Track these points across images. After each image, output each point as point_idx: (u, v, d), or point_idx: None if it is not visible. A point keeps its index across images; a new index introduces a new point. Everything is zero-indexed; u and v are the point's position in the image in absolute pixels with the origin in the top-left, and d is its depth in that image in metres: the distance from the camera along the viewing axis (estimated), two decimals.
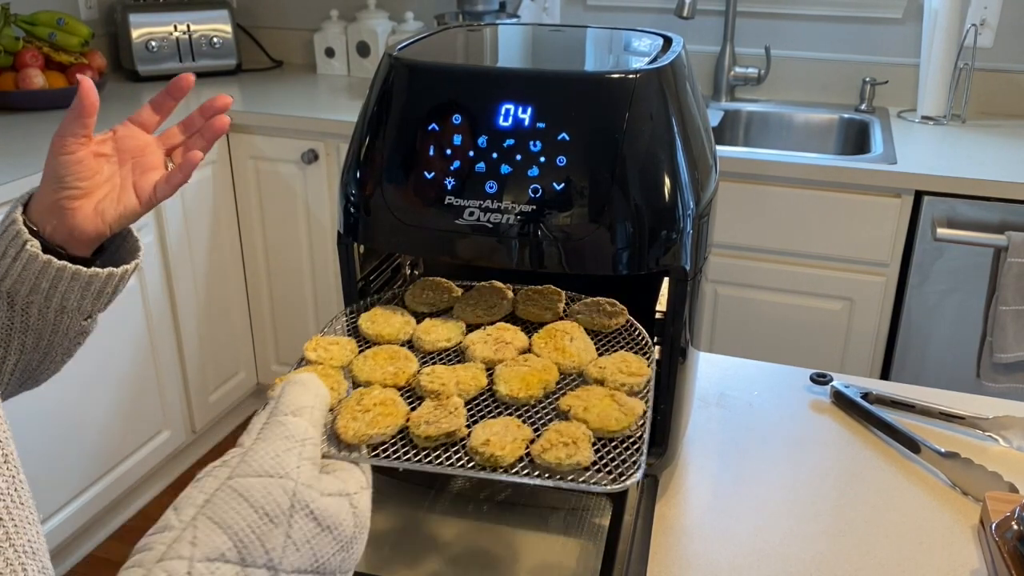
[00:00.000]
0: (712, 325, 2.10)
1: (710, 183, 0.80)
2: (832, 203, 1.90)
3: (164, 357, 2.22)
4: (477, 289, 0.87)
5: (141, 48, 2.60)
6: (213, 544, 0.48)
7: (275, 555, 0.49)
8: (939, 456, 0.91)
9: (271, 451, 0.53)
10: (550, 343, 0.77)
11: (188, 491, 0.52)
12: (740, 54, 2.44)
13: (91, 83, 0.70)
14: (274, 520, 0.50)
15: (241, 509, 0.49)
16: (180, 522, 0.49)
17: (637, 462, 0.62)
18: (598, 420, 0.65)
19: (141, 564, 0.47)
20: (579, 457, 0.61)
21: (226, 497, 0.50)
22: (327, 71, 2.77)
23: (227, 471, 0.52)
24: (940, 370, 1.96)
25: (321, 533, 0.51)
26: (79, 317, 0.76)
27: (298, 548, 0.50)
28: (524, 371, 0.71)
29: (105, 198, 0.74)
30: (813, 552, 0.81)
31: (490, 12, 2.44)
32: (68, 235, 0.73)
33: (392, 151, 0.76)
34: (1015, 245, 1.75)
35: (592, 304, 0.85)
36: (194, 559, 0.47)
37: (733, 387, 1.09)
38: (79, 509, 2.02)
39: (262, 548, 0.49)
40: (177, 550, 0.47)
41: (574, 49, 0.92)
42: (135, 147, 0.77)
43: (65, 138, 0.71)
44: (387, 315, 0.81)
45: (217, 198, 2.33)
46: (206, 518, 0.49)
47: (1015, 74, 2.28)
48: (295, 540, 0.50)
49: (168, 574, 0.46)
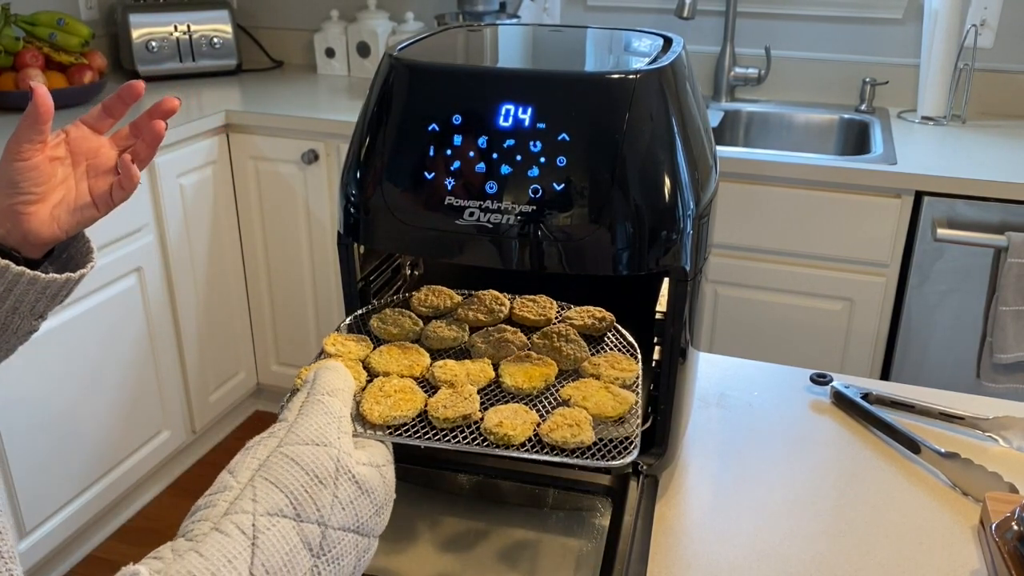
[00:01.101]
0: (712, 325, 2.10)
1: (710, 183, 0.80)
2: (832, 203, 1.90)
3: (164, 357, 2.22)
4: (477, 295, 0.92)
5: (141, 48, 2.60)
6: (272, 501, 0.53)
7: (325, 512, 0.55)
8: (939, 456, 0.91)
9: (314, 424, 0.59)
10: (548, 343, 0.83)
11: (240, 457, 0.57)
12: (740, 54, 2.44)
13: (45, 90, 0.70)
14: (323, 482, 0.56)
15: (294, 471, 0.55)
16: (238, 483, 0.54)
17: (633, 443, 0.68)
18: (596, 407, 0.71)
19: (206, 519, 0.52)
20: (583, 436, 0.68)
21: (280, 461, 0.56)
22: (327, 71, 2.77)
23: (276, 441, 0.58)
24: (940, 370, 1.96)
25: (361, 496, 0.57)
26: (31, 318, 0.76)
27: (343, 507, 0.56)
28: (527, 366, 0.78)
29: (61, 203, 0.75)
30: (813, 552, 0.81)
31: (490, 12, 2.45)
32: (22, 239, 0.73)
33: (392, 151, 0.76)
34: (1015, 245, 1.75)
35: (582, 311, 0.90)
36: (256, 513, 0.52)
37: (733, 387, 1.09)
38: (79, 509, 2.02)
39: (314, 505, 0.55)
40: (240, 506, 0.53)
41: (574, 50, 0.92)
42: (88, 148, 0.77)
43: (21, 144, 0.71)
44: (396, 316, 0.86)
45: (217, 198, 2.33)
46: (263, 479, 0.55)
47: (1015, 74, 2.28)
48: (341, 500, 0.56)
49: (236, 525, 0.51)
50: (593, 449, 0.68)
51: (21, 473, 1.84)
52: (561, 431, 0.68)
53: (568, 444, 0.67)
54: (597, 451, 0.68)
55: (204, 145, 2.26)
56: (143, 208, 2.09)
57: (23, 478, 1.84)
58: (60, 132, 0.76)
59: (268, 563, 0.51)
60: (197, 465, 2.48)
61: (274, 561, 0.51)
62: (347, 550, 0.56)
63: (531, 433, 0.68)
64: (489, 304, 0.90)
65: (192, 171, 2.23)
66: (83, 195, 0.76)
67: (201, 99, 2.45)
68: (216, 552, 0.50)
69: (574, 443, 0.67)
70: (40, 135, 0.71)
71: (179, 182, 2.18)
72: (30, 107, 0.70)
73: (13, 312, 0.74)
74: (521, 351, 0.81)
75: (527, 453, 0.67)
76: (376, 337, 0.84)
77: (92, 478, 2.05)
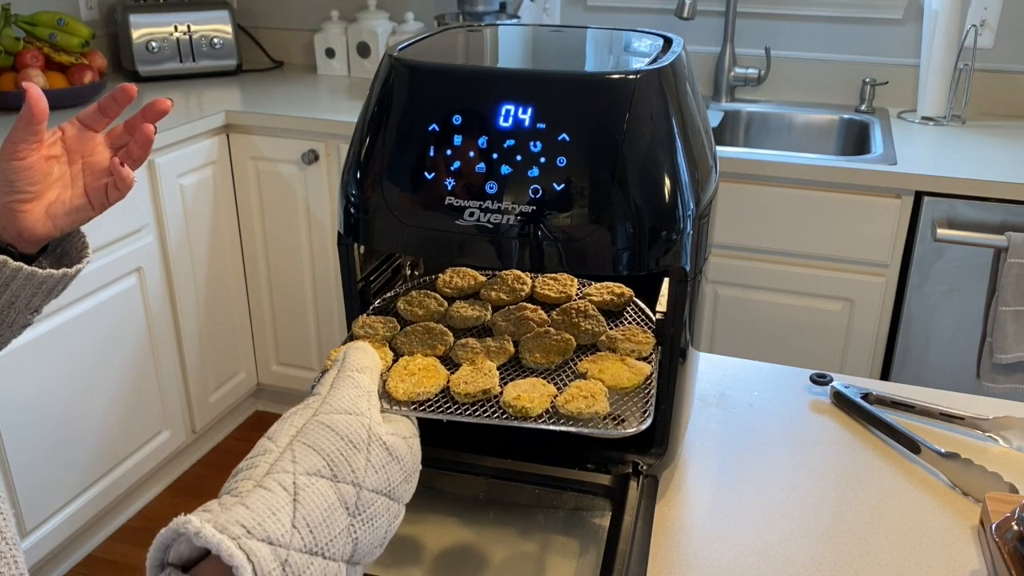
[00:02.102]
0: (712, 325, 2.10)
1: (710, 183, 0.80)
2: (832, 203, 1.90)
3: (164, 357, 2.22)
4: (500, 275, 0.96)
5: (141, 48, 2.60)
6: (311, 462, 0.57)
7: (359, 474, 0.58)
8: (939, 457, 0.91)
9: (346, 396, 0.63)
10: (567, 319, 0.87)
11: (278, 426, 0.60)
12: (740, 54, 2.44)
13: (39, 91, 0.72)
14: (356, 446, 0.59)
15: (330, 436, 0.58)
16: (277, 447, 0.58)
17: (648, 412, 0.72)
18: (612, 379, 0.75)
19: (249, 478, 0.55)
20: (597, 407, 0.71)
21: (316, 428, 0.59)
22: (327, 71, 2.78)
23: (311, 411, 0.61)
24: (940, 370, 1.96)
25: (392, 462, 0.61)
26: (26, 312, 0.78)
27: (376, 471, 0.59)
28: (545, 341, 0.82)
29: (56, 201, 0.76)
30: (813, 552, 0.81)
31: (490, 13, 2.45)
32: (18, 235, 0.75)
33: (393, 152, 0.76)
34: (1015, 245, 1.75)
35: (601, 287, 0.94)
36: (296, 472, 0.56)
37: (733, 387, 1.09)
38: (79, 509, 2.02)
39: (349, 468, 0.58)
40: (281, 466, 0.56)
41: (574, 50, 0.92)
42: (84, 147, 0.79)
43: (17, 144, 0.72)
44: (422, 298, 0.91)
45: (217, 198, 2.33)
46: (301, 443, 0.58)
47: (1015, 74, 2.28)
48: (373, 464, 0.59)
49: (278, 483, 0.55)
50: (608, 418, 0.71)
51: (21, 473, 1.84)
52: (576, 402, 0.71)
53: (583, 415, 0.70)
54: (612, 421, 0.71)
55: (204, 145, 2.26)
56: (143, 208, 2.09)
57: (23, 478, 1.84)
58: (56, 130, 0.77)
59: (309, 517, 0.54)
60: (197, 465, 2.48)
61: (315, 516, 0.54)
62: (380, 512, 0.59)
63: (548, 405, 0.72)
64: (511, 284, 0.94)
65: (192, 171, 2.23)
66: (78, 194, 0.78)
67: (201, 99, 2.45)
68: (261, 505, 0.53)
69: (589, 413, 0.70)
70: (35, 135, 0.73)
71: (179, 182, 2.18)
72: (24, 109, 0.72)
73: (9, 307, 0.76)
74: (540, 328, 0.85)
75: (544, 424, 0.70)
76: (403, 318, 0.88)
77: (92, 478, 2.05)
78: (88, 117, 0.78)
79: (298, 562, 0.52)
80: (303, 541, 0.53)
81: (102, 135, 0.80)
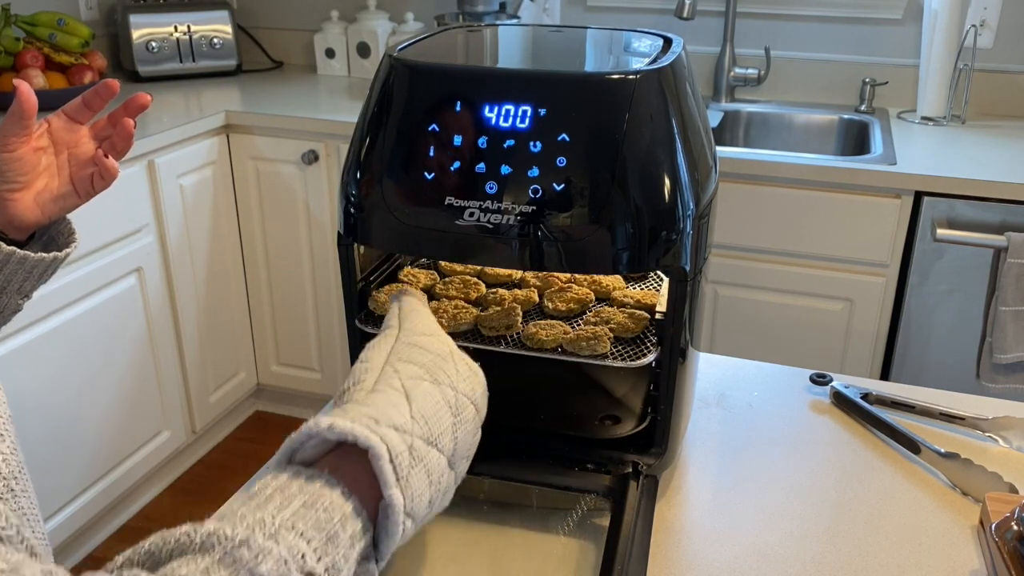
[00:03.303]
0: (712, 325, 2.10)
1: (710, 184, 0.80)
2: (832, 203, 1.90)
3: (164, 357, 2.22)
4: None
5: (141, 49, 2.60)
6: (410, 371, 0.62)
7: (453, 378, 0.63)
8: (939, 457, 0.91)
9: (420, 322, 0.69)
10: (589, 278, 0.95)
11: (367, 353, 0.65)
12: (740, 55, 2.44)
13: (28, 87, 0.77)
14: (444, 358, 0.65)
15: (420, 352, 0.64)
16: (376, 367, 0.62)
17: (650, 349, 0.81)
18: (619, 328, 0.84)
19: (361, 390, 0.60)
20: (600, 346, 0.81)
21: (405, 347, 0.65)
22: (327, 72, 2.78)
23: (392, 340, 0.66)
24: (940, 370, 1.96)
25: (472, 374, 0.66)
26: (17, 297, 0.82)
27: (465, 379, 0.64)
28: (567, 293, 0.91)
29: (44, 190, 0.82)
30: (813, 552, 0.81)
31: (490, 13, 2.45)
32: (7, 223, 0.80)
33: (392, 152, 0.76)
34: (1015, 246, 1.75)
35: None
36: (401, 376, 0.61)
37: (733, 387, 1.09)
38: (79, 509, 2.02)
39: (444, 373, 0.63)
40: (386, 378, 0.61)
41: (574, 50, 0.92)
42: (69, 139, 0.84)
43: (7, 138, 0.78)
44: None
45: (217, 198, 2.33)
46: (396, 359, 0.63)
47: (1015, 74, 2.28)
48: (461, 372, 0.64)
49: (390, 386, 0.60)
50: (611, 356, 0.81)
51: None
52: (583, 341, 0.81)
53: (585, 350, 0.80)
54: (618, 355, 0.81)
55: (204, 145, 2.26)
56: (143, 208, 2.09)
57: None
58: (43, 122, 0.82)
59: (423, 410, 0.59)
60: (197, 465, 2.48)
61: (427, 410, 0.59)
62: (470, 418, 0.63)
63: (561, 340, 0.82)
64: None
65: (192, 171, 2.23)
66: (64, 182, 0.83)
67: (201, 99, 2.45)
68: (381, 402, 0.58)
69: (591, 348, 0.80)
70: (25, 129, 0.78)
71: (179, 182, 2.18)
72: (14, 104, 0.77)
73: (2, 291, 0.80)
74: (564, 283, 0.94)
75: (555, 355, 0.81)
76: (442, 273, 0.97)
77: (92, 478, 2.05)
78: (73, 110, 0.83)
79: (420, 448, 0.56)
80: (422, 430, 0.57)
81: (87, 127, 0.85)
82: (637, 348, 0.83)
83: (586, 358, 0.80)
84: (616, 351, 0.81)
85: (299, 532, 0.48)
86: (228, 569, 0.44)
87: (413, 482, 0.54)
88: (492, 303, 0.89)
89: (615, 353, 0.81)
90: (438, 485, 0.58)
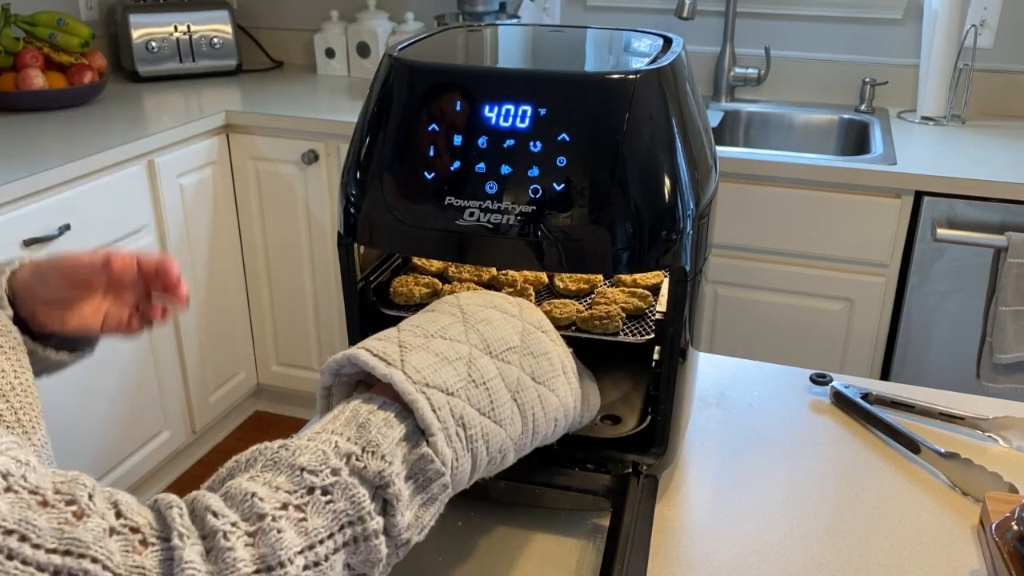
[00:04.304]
0: (712, 325, 2.10)
1: (710, 183, 0.80)
2: (832, 203, 1.90)
3: (164, 357, 2.22)
4: None
5: (141, 48, 2.60)
6: None
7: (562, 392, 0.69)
8: (939, 456, 0.91)
9: (482, 296, 0.72)
10: None
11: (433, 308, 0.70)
12: (740, 54, 2.44)
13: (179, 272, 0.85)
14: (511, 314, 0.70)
15: (487, 308, 0.69)
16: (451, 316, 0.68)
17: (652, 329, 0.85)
18: (625, 304, 0.88)
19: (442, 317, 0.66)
20: (610, 324, 0.84)
21: (472, 302, 0.70)
22: (327, 71, 2.78)
23: (455, 305, 0.69)
24: (940, 370, 1.96)
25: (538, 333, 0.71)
26: None
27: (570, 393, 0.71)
28: (577, 276, 0.94)
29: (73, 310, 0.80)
30: (813, 552, 0.81)
31: (490, 12, 2.44)
32: (30, 316, 0.78)
33: (392, 151, 0.76)
34: (1015, 245, 1.75)
35: None
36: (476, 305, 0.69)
37: (733, 387, 1.09)
38: None
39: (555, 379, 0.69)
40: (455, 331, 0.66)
41: (574, 50, 0.92)
42: (121, 283, 0.83)
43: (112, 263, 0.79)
44: None
45: (217, 198, 2.33)
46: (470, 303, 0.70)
47: (1015, 74, 2.28)
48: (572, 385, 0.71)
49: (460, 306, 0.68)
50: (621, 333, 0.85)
51: None
52: (594, 320, 0.84)
53: (597, 328, 0.84)
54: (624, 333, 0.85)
55: (204, 145, 2.26)
56: (143, 208, 2.08)
57: None
58: (101, 255, 0.81)
59: (485, 338, 0.66)
60: (197, 465, 2.48)
61: (492, 340, 0.66)
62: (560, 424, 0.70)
63: (573, 319, 0.86)
64: None
65: (192, 171, 2.23)
66: (99, 313, 0.82)
67: (201, 99, 2.45)
68: (442, 347, 0.62)
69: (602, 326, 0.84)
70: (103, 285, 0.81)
71: (179, 182, 2.18)
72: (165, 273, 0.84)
73: None
74: None
75: (568, 332, 0.83)
76: None
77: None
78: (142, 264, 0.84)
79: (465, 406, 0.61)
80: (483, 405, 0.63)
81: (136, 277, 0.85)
82: (642, 326, 0.87)
83: (599, 335, 0.84)
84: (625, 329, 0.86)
85: (332, 430, 0.55)
86: (271, 471, 0.51)
87: None
88: (504, 284, 0.92)
89: (625, 331, 0.86)
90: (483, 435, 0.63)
